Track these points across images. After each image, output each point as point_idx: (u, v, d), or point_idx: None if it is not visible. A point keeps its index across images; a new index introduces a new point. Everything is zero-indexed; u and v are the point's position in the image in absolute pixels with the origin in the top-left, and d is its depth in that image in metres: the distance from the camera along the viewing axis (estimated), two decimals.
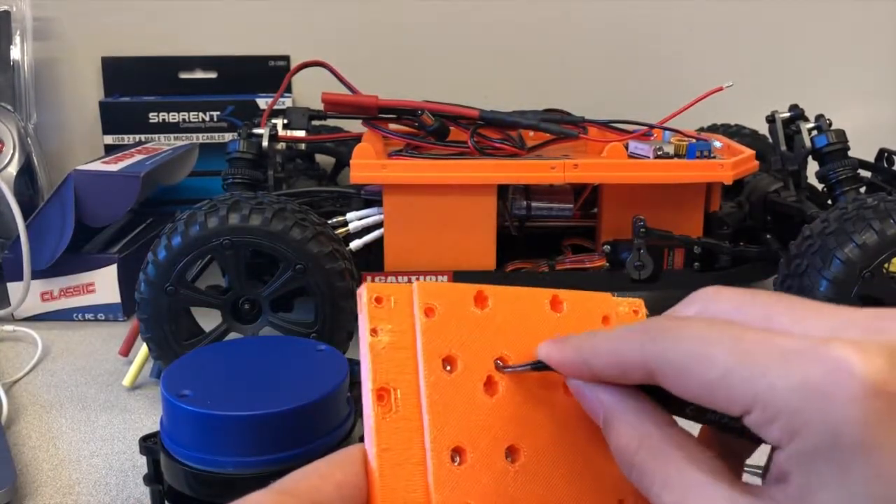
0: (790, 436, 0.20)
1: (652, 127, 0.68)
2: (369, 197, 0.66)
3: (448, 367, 0.25)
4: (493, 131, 0.67)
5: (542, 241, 0.69)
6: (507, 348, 0.26)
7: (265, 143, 0.67)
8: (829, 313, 0.22)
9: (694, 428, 0.24)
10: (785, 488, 0.20)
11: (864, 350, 0.19)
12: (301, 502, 0.23)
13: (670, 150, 0.63)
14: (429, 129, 0.66)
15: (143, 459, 0.43)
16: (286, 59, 0.94)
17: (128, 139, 0.89)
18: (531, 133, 0.70)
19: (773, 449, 0.21)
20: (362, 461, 0.24)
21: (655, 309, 0.25)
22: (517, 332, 0.26)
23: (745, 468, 0.26)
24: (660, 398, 0.24)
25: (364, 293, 0.25)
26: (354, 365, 0.58)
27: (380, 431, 0.24)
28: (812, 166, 0.69)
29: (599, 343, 0.24)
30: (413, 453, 0.24)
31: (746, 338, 0.21)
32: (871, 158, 0.72)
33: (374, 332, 0.25)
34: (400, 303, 0.25)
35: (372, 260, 0.65)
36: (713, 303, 0.23)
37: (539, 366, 0.25)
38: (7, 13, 0.87)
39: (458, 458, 0.24)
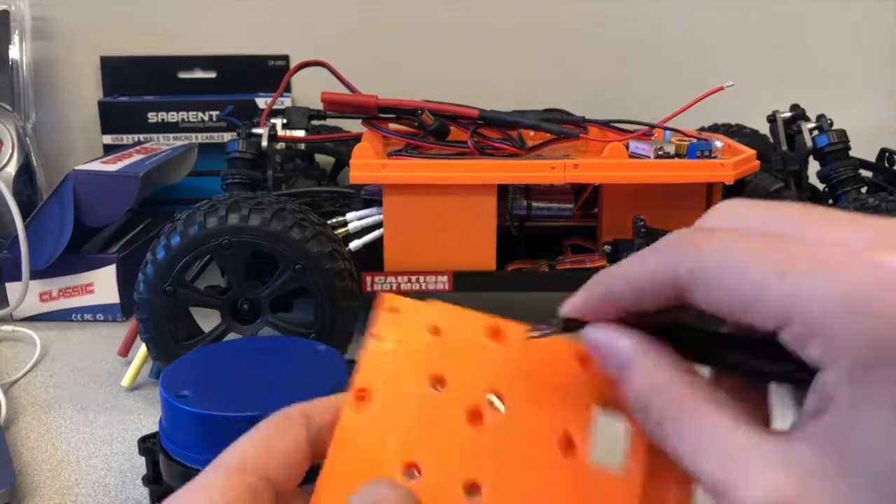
0: (834, 353, 0.18)
1: (652, 127, 0.68)
2: (369, 197, 0.66)
3: (437, 388, 0.24)
4: (493, 131, 0.67)
5: (542, 241, 0.69)
6: (508, 388, 0.24)
7: (264, 143, 0.66)
8: (866, 222, 0.19)
9: None
10: (825, 419, 0.18)
11: None
12: (254, 478, 0.23)
13: (671, 149, 0.63)
14: (429, 128, 0.66)
15: (143, 460, 0.43)
16: (285, 58, 0.94)
17: (127, 139, 0.89)
18: (531, 133, 0.70)
19: (814, 374, 0.19)
20: (305, 426, 0.24)
21: None
22: (527, 377, 0.24)
23: None
24: (685, 348, 0.22)
25: (383, 302, 0.25)
26: (354, 365, 0.58)
27: (345, 428, 0.23)
28: (813, 166, 0.69)
29: (627, 266, 0.22)
30: (371, 457, 0.23)
31: (783, 246, 0.19)
32: (872, 158, 0.72)
33: (378, 336, 0.24)
34: (412, 318, 0.25)
35: (372, 260, 0.65)
36: (738, 218, 0.21)
37: (567, 326, 0.23)
38: (6, 13, 0.87)
39: (414, 475, 0.23)
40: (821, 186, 0.69)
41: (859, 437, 0.18)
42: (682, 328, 0.22)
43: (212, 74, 0.93)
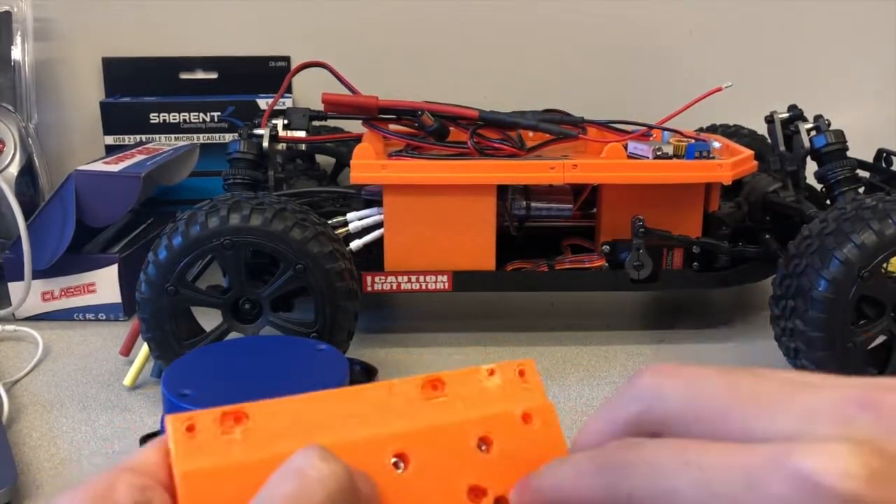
0: None
1: (651, 127, 0.68)
2: (369, 197, 0.66)
3: None
4: (493, 132, 0.67)
5: (541, 241, 0.69)
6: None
7: (266, 144, 0.67)
8: (794, 398, 0.20)
9: None
10: None
11: (830, 455, 0.18)
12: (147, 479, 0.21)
13: (669, 150, 0.64)
14: (429, 129, 0.66)
15: None
16: (287, 59, 0.94)
17: (128, 139, 0.89)
18: (530, 133, 0.70)
19: None
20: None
21: (654, 309, 0.24)
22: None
23: None
24: None
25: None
26: (354, 365, 0.58)
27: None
28: (811, 166, 0.69)
29: (562, 482, 0.22)
30: None
31: (706, 462, 0.19)
32: (869, 159, 0.72)
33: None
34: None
35: (372, 260, 0.65)
36: (658, 400, 0.22)
37: None
38: (8, 13, 0.87)
39: None
40: (818, 187, 0.70)
41: None
42: None
43: (213, 75, 0.93)
